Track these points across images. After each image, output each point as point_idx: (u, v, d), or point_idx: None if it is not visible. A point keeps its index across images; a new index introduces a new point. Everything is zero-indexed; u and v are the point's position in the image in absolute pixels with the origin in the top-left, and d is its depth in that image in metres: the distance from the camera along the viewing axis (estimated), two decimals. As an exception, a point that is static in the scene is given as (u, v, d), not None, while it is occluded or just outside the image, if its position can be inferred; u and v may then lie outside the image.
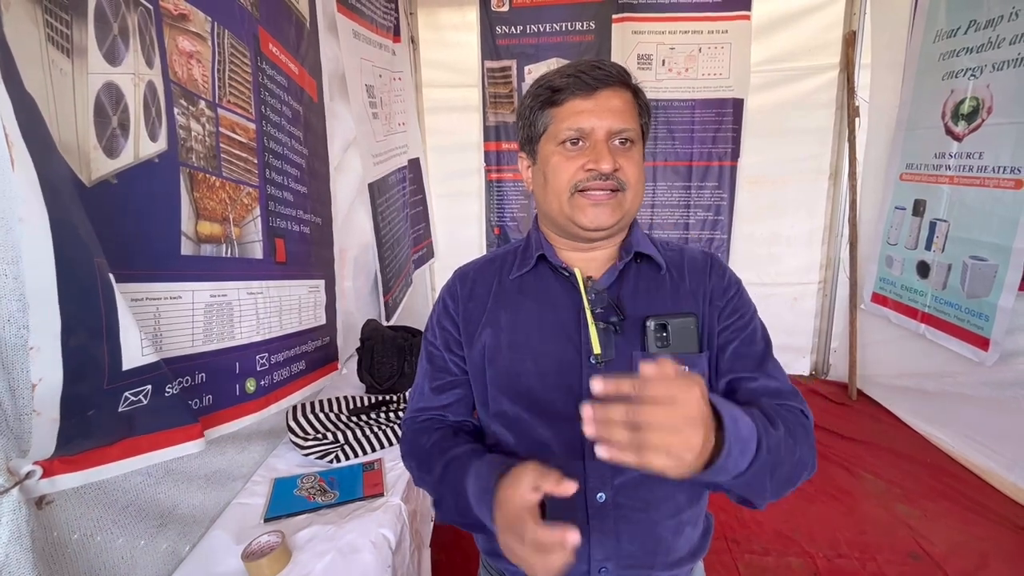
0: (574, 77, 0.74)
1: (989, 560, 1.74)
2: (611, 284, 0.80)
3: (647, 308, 0.78)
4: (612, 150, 0.74)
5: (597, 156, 0.73)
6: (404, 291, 2.63)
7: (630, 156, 0.76)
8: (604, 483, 0.75)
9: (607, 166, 0.73)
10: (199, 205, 1.05)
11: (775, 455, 0.62)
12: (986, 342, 2.09)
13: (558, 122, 0.76)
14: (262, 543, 1.02)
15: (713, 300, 0.80)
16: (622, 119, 0.75)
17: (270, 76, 1.35)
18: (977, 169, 2.12)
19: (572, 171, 0.75)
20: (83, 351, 0.75)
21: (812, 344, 3.28)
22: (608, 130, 0.74)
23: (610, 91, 0.75)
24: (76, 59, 0.79)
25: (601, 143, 0.74)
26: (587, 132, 0.75)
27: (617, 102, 0.75)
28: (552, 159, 0.77)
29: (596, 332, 0.74)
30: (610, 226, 0.76)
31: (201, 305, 1.05)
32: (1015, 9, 1.91)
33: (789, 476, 0.68)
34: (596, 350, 0.74)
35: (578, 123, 0.74)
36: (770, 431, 0.63)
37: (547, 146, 0.78)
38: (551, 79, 0.77)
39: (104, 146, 0.84)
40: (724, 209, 3.06)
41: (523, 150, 0.85)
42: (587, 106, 0.74)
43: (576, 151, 0.76)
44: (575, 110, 0.75)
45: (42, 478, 0.74)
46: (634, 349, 0.76)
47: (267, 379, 1.26)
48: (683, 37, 2.87)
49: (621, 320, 0.76)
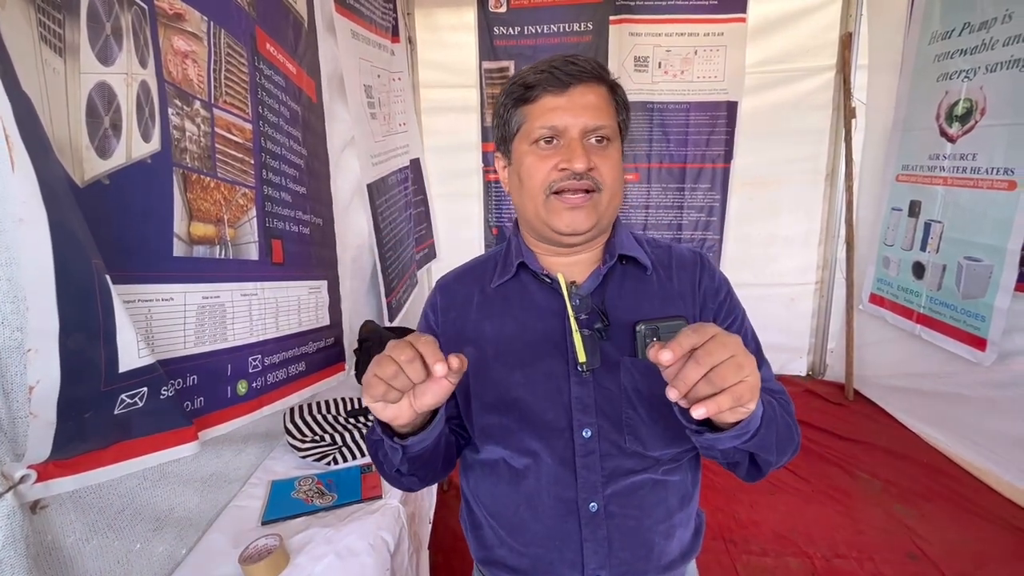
0: (547, 73, 0.72)
1: (986, 560, 1.74)
2: (595, 289, 0.78)
3: (634, 311, 0.77)
4: (587, 148, 0.72)
5: (570, 155, 0.71)
6: (408, 292, 2.62)
7: (606, 155, 0.74)
8: (596, 492, 0.74)
9: (580, 165, 0.70)
10: (192, 206, 1.04)
11: (772, 410, 0.66)
12: (983, 342, 2.09)
13: (531, 120, 0.74)
14: (260, 546, 1.01)
15: (706, 302, 0.80)
16: (596, 116, 0.72)
17: (267, 76, 1.35)
18: (971, 171, 2.14)
19: (546, 171, 0.73)
20: (81, 353, 0.74)
21: (809, 345, 3.29)
22: (582, 128, 0.72)
23: (584, 87, 0.72)
24: (69, 58, 0.78)
25: (575, 141, 0.72)
26: (560, 130, 0.72)
27: (592, 98, 0.73)
28: (526, 159, 0.75)
29: (581, 339, 0.72)
30: (587, 230, 0.74)
31: (193, 307, 1.04)
32: (1008, 11, 1.93)
33: (788, 436, 0.70)
34: (581, 358, 0.72)
35: (551, 120, 0.72)
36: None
37: (521, 145, 0.76)
38: (524, 76, 0.74)
39: (97, 146, 0.83)
40: (717, 211, 3.09)
41: (498, 150, 0.83)
42: (560, 103, 0.72)
43: (550, 150, 0.73)
44: (548, 107, 0.72)
45: (36, 482, 0.73)
46: (622, 355, 0.75)
47: (259, 381, 1.25)
48: (679, 39, 2.88)
49: (606, 326, 0.75)
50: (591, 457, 0.74)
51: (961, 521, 1.95)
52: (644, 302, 0.78)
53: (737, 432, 0.59)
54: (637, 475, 0.75)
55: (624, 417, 0.74)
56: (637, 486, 0.75)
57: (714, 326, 0.54)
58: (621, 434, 0.74)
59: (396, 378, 0.56)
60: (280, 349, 1.35)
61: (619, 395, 0.74)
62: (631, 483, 0.75)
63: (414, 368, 0.56)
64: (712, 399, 0.52)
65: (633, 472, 0.75)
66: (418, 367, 0.56)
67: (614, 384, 0.75)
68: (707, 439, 0.61)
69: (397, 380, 0.56)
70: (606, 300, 0.77)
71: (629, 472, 0.75)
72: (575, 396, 0.75)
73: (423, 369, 0.56)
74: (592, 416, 0.74)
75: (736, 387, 0.52)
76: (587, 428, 0.74)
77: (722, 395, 0.51)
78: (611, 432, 0.74)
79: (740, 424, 0.58)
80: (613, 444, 0.74)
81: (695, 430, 0.62)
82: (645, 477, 0.76)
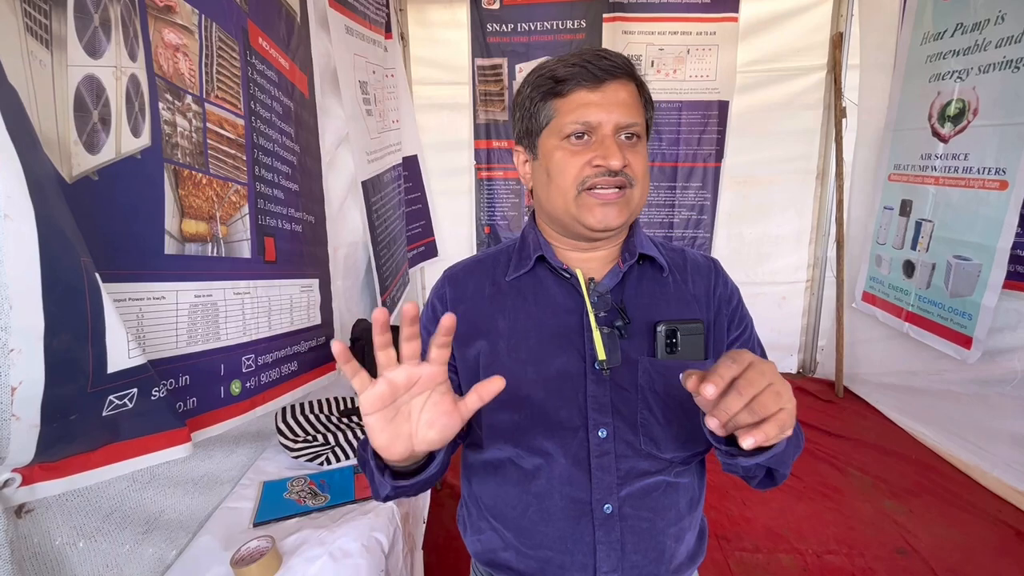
0: (579, 67, 0.70)
1: (974, 554, 1.77)
2: (614, 287, 0.78)
3: (651, 312, 0.76)
4: (620, 145, 0.71)
5: (606, 152, 0.69)
6: (402, 290, 2.61)
7: (637, 151, 0.73)
8: (611, 494, 0.73)
9: (617, 162, 0.69)
10: (184, 203, 1.02)
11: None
12: (969, 340, 2.12)
13: (562, 115, 0.72)
14: (251, 548, 1.00)
15: (720, 308, 0.80)
16: (630, 113, 0.71)
17: (260, 71, 1.32)
18: (962, 170, 2.16)
19: (578, 167, 0.71)
20: (67, 353, 0.72)
21: (800, 342, 3.32)
22: (616, 124, 0.70)
23: (617, 83, 0.71)
24: (56, 50, 0.76)
25: (609, 138, 0.70)
26: (594, 126, 0.71)
27: (624, 95, 0.71)
28: (556, 154, 0.73)
29: (600, 337, 0.72)
30: (618, 226, 0.73)
31: (185, 305, 1.02)
32: (1001, 13, 1.95)
33: (798, 444, 0.70)
34: (601, 356, 0.71)
35: (585, 116, 0.70)
36: None
37: (549, 140, 0.74)
38: (553, 68, 0.72)
39: (85, 141, 0.81)
40: (708, 209, 3.11)
41: (520, 144, 0.81)
42: (594, 98, 0.70)
43: (581, 146, 0.71)
44: (581, 102, 0.71)
45: (21, 486, 0.71)
46: (640, 354, 0.74)
47: (253, 381, 1.23)
48: (672, 38, 2.88)
49: (626, 324, 0.74)
50: (606, 458, 0.73)
51: (949, 516, 1.97)
52: (661, 303, 0.77)
53: (767, 454, 0.59)
54: (651, 477, 0.74)
55: (639, 418, 0.74)
56: (651, 488, 0.74)
57: (749, 353, 0.54)
58: (636, 435, 0.74)
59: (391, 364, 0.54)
60: (273, 348, 1.33)
61: (635, 395, 0.74)
62: (645, 485, 0.74)
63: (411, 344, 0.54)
64: (759, 428, 0.52)
65: (647, 474, 0.74)
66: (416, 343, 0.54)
67: (631, 384, 0.74)
68: (740, 463, 0.62)
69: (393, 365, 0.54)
70: (624, 299, 0.77)
71: (644, 474, 0.74)
72: (591, 395, 0.73)
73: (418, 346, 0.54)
74: (608, 416, 0.73)
75: (779, 415, 0.52)
76: (603, 428, 0.73)
77: (768, 424, 0.52)
78: (626, 433, 0.74)
79: (773, 447, 0.58)
80: (628, 445, 0.74)
81: (726, 451, 0.62)
82: (659, 479, 0.75)
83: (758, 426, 0.52)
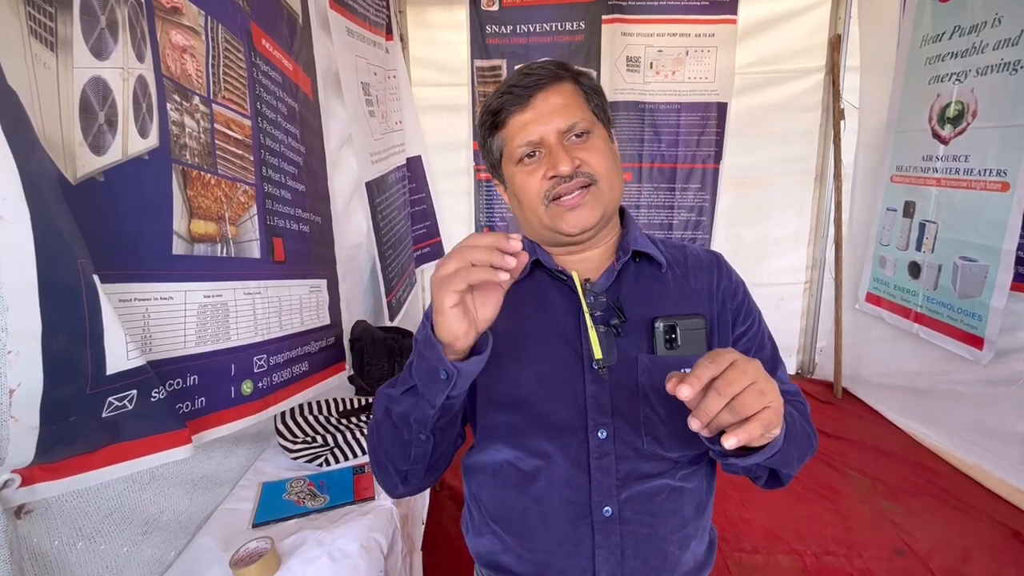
0: (507, 94, 0.75)
1: (972, 555, 1.77)
2: (610, 285, 0.78)
3: (650, 308, 0.76)
4: (568, 148, 0.73)
5: (554, 160, 0.72)
6: (408, 291, 2.60)
7: (590, 146, 0.74)
8: (610, 496, 0.73)
9: (566, 167, 0.71)
10: (193, 203, 1.02)
11: (793, 424, 0.66)
12: (981, 341, 2.12)
13: (509, 143, 0.76)
14: (250, 549, 1.00)
15: (724, 303, 0.80)
16: (567, 114, 0.73)
17: (264, 72, 1.33)
18: (963, 172, 2.16)
19: (537, 183, 0.74)
20: (65, 355, 0.72)
21: (799, 344, 3.32)
22: (557, 131, 0.73)
23: (544, 93, 0.74)
24: (61, 53, 0.76)
25: (555, 146, 0.73)
26: (538, 142, 0.74)
27: (556, 100, 0.74)
28: (516, 178, 0.77)
29: (596, 336, 0.72)
30: (595, 224, 0.75)
31: (194, 306, 1.02)
32: (998, 15, 1.95)
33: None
34: (597, 354, 0.72)
35: (526, 137, 0.74)
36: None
37: (508, 167, 0.78)
38: (490, 103, 0.77)
39: (90, 143, 0.81)
40: (707, 210, 3.12)
41: (493, 177, 0.85)
42: (527, 117, 0.74)
43: (535, 163, 0.75)
44: (518, 125, 0.75)
45: (21, 487, 0.71)
46: (639, 352, 0.74)
47: (265, 381, 1.23)
48: (671, 40, 2.89)
49: (622, 322, 0.74)
50: (606, 459, 0.73)
51: (948, 517, 1.98)
52: (660, 300, 0.78)
53: (762, 455, 0.59)
54: (654, 480, 0.74)
55: (642, 416, 0.73)
56: (653, 492, 0.74)
57: (732, 352, 0.54)
58: (638, 435, 0.73)
59: (472, 269, 0.54)
60: (284, 348, 1.33)
61: (636, 393, 0.74)
62: (647, 488, 0.74)
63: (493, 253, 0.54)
64: (742, 428, 0.52)
65: (650, 476, 0.74)
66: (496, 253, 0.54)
67: (631, 382, 0.74)
68: (736, 463, 0.62)
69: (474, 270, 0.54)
70: (621, 297, 0.77)
71: (646, 476, 0.74)
72: (590, 395, 0.74)
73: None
74: (608, 416, 0.73)
75: (762, 414, 0.52)
76: (603, 428, 0.73)
77: (751, 423, 0.52)
78: (628, 433, 0.73)
79: (766, 447, 0.58)
80: (629, 446, 0.73)
81: (719, 452, 0.62)
82: (662, 483, 0.74)
83: (741, 425, 0.52)
